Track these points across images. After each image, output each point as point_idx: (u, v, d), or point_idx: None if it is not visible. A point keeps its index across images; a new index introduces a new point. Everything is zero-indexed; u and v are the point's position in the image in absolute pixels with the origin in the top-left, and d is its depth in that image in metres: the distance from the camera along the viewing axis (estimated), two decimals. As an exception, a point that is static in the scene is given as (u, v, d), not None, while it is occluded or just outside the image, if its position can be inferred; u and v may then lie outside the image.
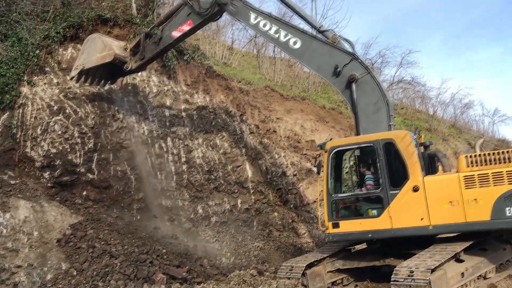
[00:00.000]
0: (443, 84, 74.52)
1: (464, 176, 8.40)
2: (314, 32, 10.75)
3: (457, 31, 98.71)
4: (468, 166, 8.53)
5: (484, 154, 8.51)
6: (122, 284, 9.40)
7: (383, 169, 8.98)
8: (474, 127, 40.53)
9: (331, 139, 10.41)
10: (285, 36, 10.46)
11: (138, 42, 12.20)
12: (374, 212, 9.12)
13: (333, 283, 9.84)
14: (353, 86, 9.70)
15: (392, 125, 9.57)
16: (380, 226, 8.88)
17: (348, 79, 9.77)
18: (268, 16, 10.73)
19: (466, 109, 38.74)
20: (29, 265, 9.59)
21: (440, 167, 10.02)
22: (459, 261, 8.43)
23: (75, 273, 9.59)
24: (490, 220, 8.15)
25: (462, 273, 8.25)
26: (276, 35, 10.57)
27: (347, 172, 12.77)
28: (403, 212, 8.71)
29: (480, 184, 8.27)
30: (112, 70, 12.73)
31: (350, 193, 10.38)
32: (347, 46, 10.31)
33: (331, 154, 9.49)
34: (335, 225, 9.28)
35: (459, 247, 8.41)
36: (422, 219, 8.58)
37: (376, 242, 10.23)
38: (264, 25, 10.68)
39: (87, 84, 12.82)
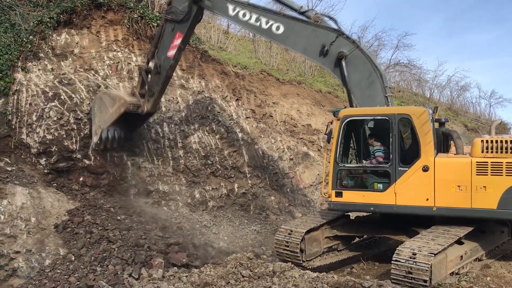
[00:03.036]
0: (439, 67, 74.50)
1: (477, 162, 8.19)
2: (295, 15, 10.42)
3: (455, 14, 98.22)
4: (482, 152, 8.28)
5: (501, 141, 8.23)
6: (120, 269, 9.43)
7: (395, 144, 8.71)
8: (471, 110, 40.57)
9: (345, 107, 10.11)
10: (266, 23, 10.21)
11: (142, 81, 11.99)
12: (380, 186, 8.92)
13: (329, 248, 9.89)
14: (343, 63, 9.43)
15: (388, 97, 9.34)
16: (384, 201, 8.74)
17: (336, 56, 9.50)
18: (246, 5, 10.46)
19: (463, 92, 38.78)
20: (27, 251, 9.64)
21: (452, 147, 9.82)
22: (459, 243, 8.40)
23: (73, 258, 9.64)
24: (497, 209, 8.03)
25: (461, 256, 8.24)
26: (257, 23, 10.32)
27: (351, 147, 12.64)
28: (409, 190, 8.56)
29: (492, 172, 8.08)
30: (128, 122, 12.31)
31: (357, 164, 10.07)
32: (331, 24, 10.02)
33: (344, 123, 9.14)
34: (338, 194, 9.09)
35: (462, 231, 8.32)
36: (427, 199, 8.45)
37: (376, 213, 10.18)
38: (244, 15, 10.44)
39: (111, 146, 12.27)
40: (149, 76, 11.94)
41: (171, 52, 11.47)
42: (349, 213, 10.48)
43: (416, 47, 76.06)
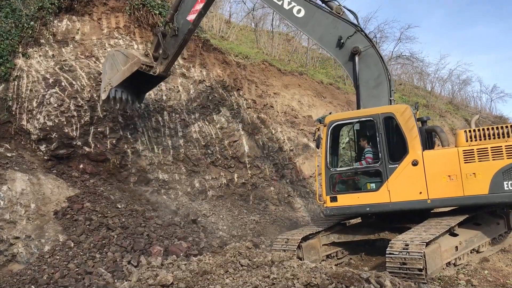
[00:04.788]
0: (441, 60, 74.09)
1: (464, 151, 8.42)
2: (318, 2, 10.49)
3: (458, 7, 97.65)
4: (467, 141, 8.55)
5: (483, 129, 8.53)
6: (119, 256, 9.48)
7: (382, 143, 8.92)
8: (472, 104, 40.49)
9: (330, 113, 10.31)
10: (288, 4, 10.24)
11: (158, 43, 11.59)
12: (373, 186, 9.08)
13: (328, 256, 9.95)
14: (356, 58, 9.57)
15: (392, 100, 9.51)
16: (379, 200, 8.87)
17: (351, 51, 9.62)
18: None
19: (464, 86, 38.62)
20: (27, 237, 9.67)
21: (436, 142, 10.03)
22: (453, 235, 8.52)
23: (72, 244, 9.67)
24: (488, 194, 8.21)
25: (456, 247, 8.35)
26: (280, 2, 10.35)
27: (343, 148, 12.76)
28: (402, 186, 8.71)
29: (479, 159, 8.29)
30: (137, 84, 11.99)
31: (348, 167, 10.23)
32: (351, 18, 10.13)
33: (330, 128, 9.40)
34: (333, 199, 9.24)
35: (454, 221, 8.48)
36: (420, 193, 8.60)
37: (371, 216, 10.31)
38: None
39: (118, 107, 12.03)
40: (165, 39, 11.58)
41: (191, 17, 11.23)
42: (345, 221, 10.60)
43: (418, 40, 75.83)
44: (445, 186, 8.48)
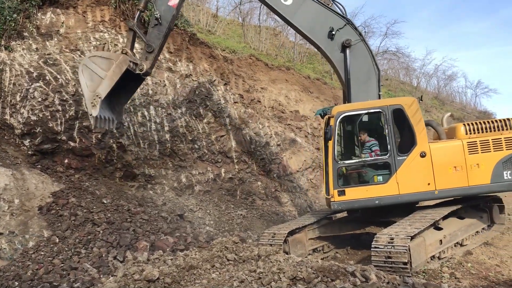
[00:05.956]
0: (427, 56, 74.90)
1: (468, 143, 8.88)
2: None
3: (448, 4, 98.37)
4: (466, 134, 9.10)
5: (483, 122, 9.14)
6: (104, 251, 9.41)
7: (391, 135, 9.00)
8: (457, 99, 40.97)
9: (335, 104, 10.26)
10: None
11: (133, 38, 10.19)
12: (380, 178, 9.13)
13: (314, 250, 9.99)
14: (347, 51, 9.50)
15: (380, 95, 9.56)
16: (387, 192, 8.95)
17: (342, 44, 9.54)
18: None
19: (450, 81, 39.19)
20: (11, 233, 9.53)
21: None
22: (438, 228, 8.66)
23: (57, 240, 9.57)
24: (490, 183, 8.77)
25: (440, 240, 8.49)
26: None
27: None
28: (411, 178, 8.90)
29: (482, 150, 8.81)
30: (113, 94, 9.75)
31: (357, 160, 9.78)
32: (338, 11, 9.94)
33: (339, 120, 9.21)
34: (341, 193, 9.11)
35: (438, 215, 8.62)
36: (429, 184, 8.87)
37: (357, 210, 10.35)
38: None
39: (107, 127, 10.10)
40: (149, 29, 10.43)
41: (174, 1, 10.28)
42: (331, 215, 10.60)
43: (405, 35, 76.41)
44: (451, 177, 8.85)
